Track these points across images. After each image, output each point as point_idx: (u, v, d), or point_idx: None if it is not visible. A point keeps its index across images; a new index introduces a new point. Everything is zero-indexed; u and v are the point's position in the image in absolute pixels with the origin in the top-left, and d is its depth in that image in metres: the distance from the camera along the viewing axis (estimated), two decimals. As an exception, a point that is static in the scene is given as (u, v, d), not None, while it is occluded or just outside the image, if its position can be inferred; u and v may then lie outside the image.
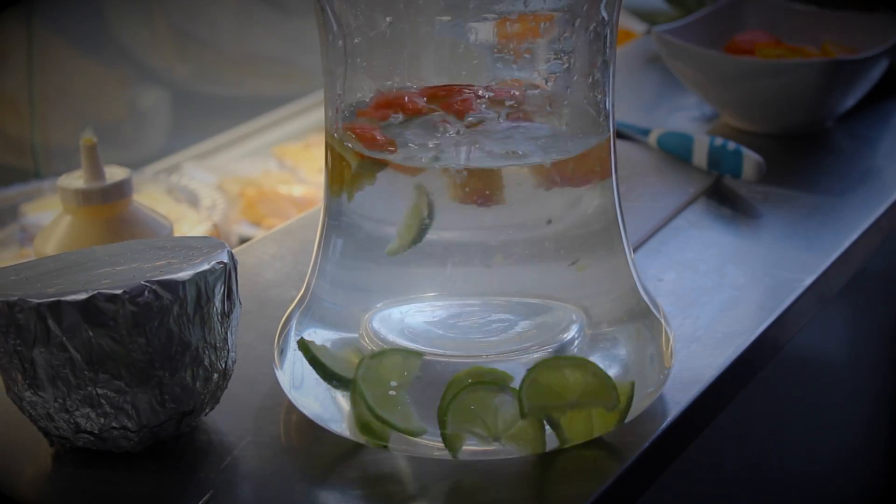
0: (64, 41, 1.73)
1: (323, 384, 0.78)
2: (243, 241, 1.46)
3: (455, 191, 0.76)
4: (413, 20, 0.76)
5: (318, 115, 1.87)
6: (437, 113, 0.78)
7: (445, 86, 0.78)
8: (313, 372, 0.79)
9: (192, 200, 1.52)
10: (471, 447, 0.74)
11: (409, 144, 0.77)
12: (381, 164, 0.77)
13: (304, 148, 1.79)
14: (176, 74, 1.91)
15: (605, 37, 0.78)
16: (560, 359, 0.77)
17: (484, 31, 0.76)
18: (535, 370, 0.74)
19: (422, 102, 0.78)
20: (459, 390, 0.74)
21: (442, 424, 0.73)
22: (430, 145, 0.76)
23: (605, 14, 0.77)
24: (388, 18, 0.75)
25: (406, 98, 0.78)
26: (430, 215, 0.77)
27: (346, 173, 0.78)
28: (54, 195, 1.50)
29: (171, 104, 1.88)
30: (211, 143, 1.83)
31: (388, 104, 0.78)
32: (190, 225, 1.44)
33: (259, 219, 1.60)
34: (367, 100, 0.79)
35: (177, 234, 1.06)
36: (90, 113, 1.79)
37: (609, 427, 0.76)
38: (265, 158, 1.80)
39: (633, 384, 0.76)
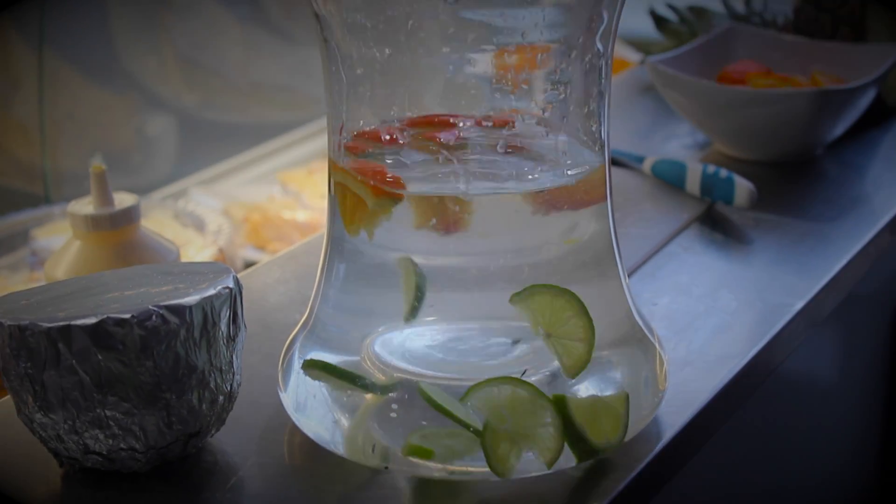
0: (74, 69, 1.73)
1: (326, 406, 0.78)
2: (248, 264, 1.46)
3: (452, 219, 0.76)
4: (413, 52, 0.76)
5: (322, 142, 1.88)
6: (432, 144, 0.78)
7: (439, 116, 0.79)
8: (316, 394, 0.79)
9: (199, 225, 1.52)
10: (470, 468, 0.74)
11: (414, 178, 0.77)
12: (397, 199, 0.77)
13: (308, 174, 1.79)
14: (183, 102, 1.91)
15: (601, 68, 0.78)
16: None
17: (482, 62, 0.76)
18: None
19: (417, 134, 0.79)
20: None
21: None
22: (432, 176, 0.76)
23: (600, 46, 0.77)
24: (387, 50, 0.76)
25: (402, 132, 0.78)
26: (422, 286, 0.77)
27: (353, 205, 0.78)
28: (64, 220, 1.50)
29: (178, 131, 1.89)
30: (216, 169, 1.83)
31: (378, 137, 0.79)
32: (196, 249, 1.44)
33: (263, 243, 1.61)
34: (369, 128, 0.80)
35: (183, 258, 1.06)
36: (99, 139, 1.80)
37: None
38: (270, 184, 1.81)
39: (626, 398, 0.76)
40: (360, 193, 0.77)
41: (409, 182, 0.77)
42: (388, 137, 0.78)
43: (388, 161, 0.78)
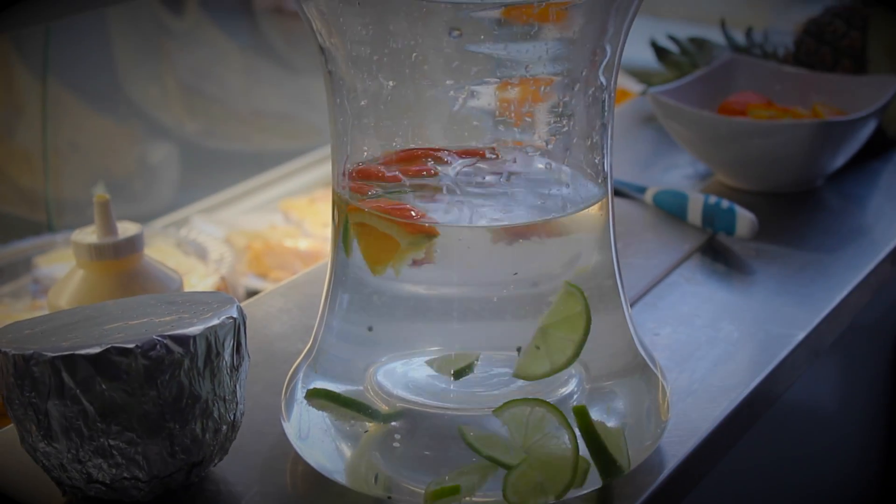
0: (77, 97, 1.73)
1: (329, 436, 0.78)
2: (250, 293, 1.46)
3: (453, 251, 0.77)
4: (417, 84, 0.76)
5: (324, 171, 1.88)
6: (436, 177, 0.79)
7: (435, 150, 0.79)
8: (319, 424, 0.79)
9: (201, 253, 1.52)
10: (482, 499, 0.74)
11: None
12: (432, 235, 0.77)
13: (310, 202, 1.79)
14: (185, 130, 1.91)
15: (604, 100, 0.79)
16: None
17: (486, 94, 0.77)
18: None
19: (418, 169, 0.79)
20: None
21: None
22: (441, 210, 0.77)
23: (603, 79, 0.78)
24: (391, 83, 0.76)
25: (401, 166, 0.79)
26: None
27: (380, 245, 0.78)
28: (67, 248, 1.50)
29: (180, 159, 1.89)
30: (218, 198, 1.84)
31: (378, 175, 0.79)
32: (198, 278, 1.44)
33: (265, 271, 1.61)
34: (373, 158, 0.80)
35: (185, 286, 1.06)
36: (101, 167, 1.80)
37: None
38: (271, 212, 1.81)
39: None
40: (391, 233, 0.77)
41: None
42: (388, 174, 0.79)
43: (408, 196, 0.78)
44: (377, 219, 0.77)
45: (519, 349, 0.77)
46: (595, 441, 0.75)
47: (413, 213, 0.77)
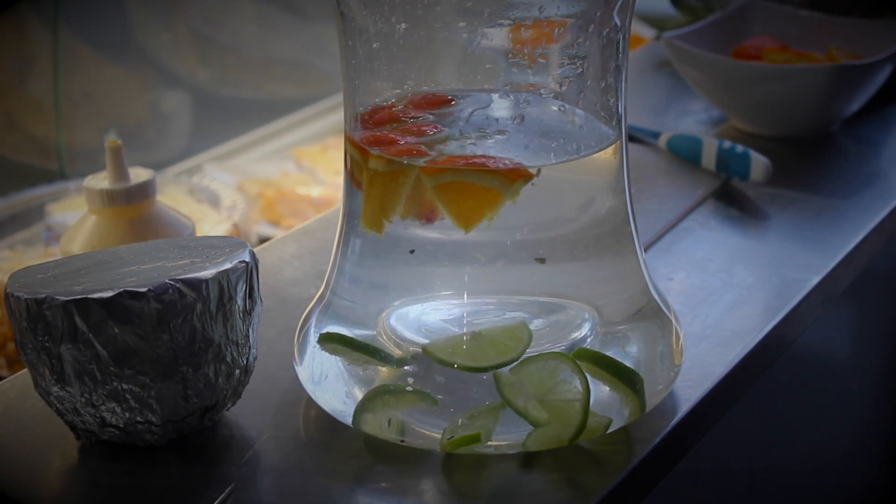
0: (88, 46, 1.73)
1: (342, 380, 0.78)
2: (262, 240, 1.46)
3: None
4: (430, 26, 0.76)
5: (336, 118, 1.87)
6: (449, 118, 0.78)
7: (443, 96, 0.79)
8: (332, 368, 0.79)
9: (213, 201, 1.52)
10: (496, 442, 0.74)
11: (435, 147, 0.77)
12: (528, 178, 0.76)
13: (322, 150, 1.79)
14: (197, 78, 1.91)
15: (618, 42, 0.78)
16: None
17: (499, 36, 0.76)
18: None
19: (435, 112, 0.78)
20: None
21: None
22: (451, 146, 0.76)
23: (617, 20, 0.77)
24: (404, 24, 0.75)
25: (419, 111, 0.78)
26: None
27: (475, 200, 0.77)
28: (79, 195, 1.51)
29: (192, 107, 1.88)
30: (231, 145, 1.83)
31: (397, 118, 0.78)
32: (211, 225, 1.44)
33: (278, 219, 1.61)
34: (385, 103, 0.79)
35: (198, 233, 1.06)
36: (114, 115, 1.80)
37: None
38: (284, 160, 1.81)
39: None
40: (492, 184, 0.75)
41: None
42: (407, 119, 0.78)
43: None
44: (472, 174, 0.76)
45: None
46: (608, 363, 0.75)
47: (497, 161, 0.76)
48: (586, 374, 0.74)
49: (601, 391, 0.76)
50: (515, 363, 0.75)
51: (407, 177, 0.76)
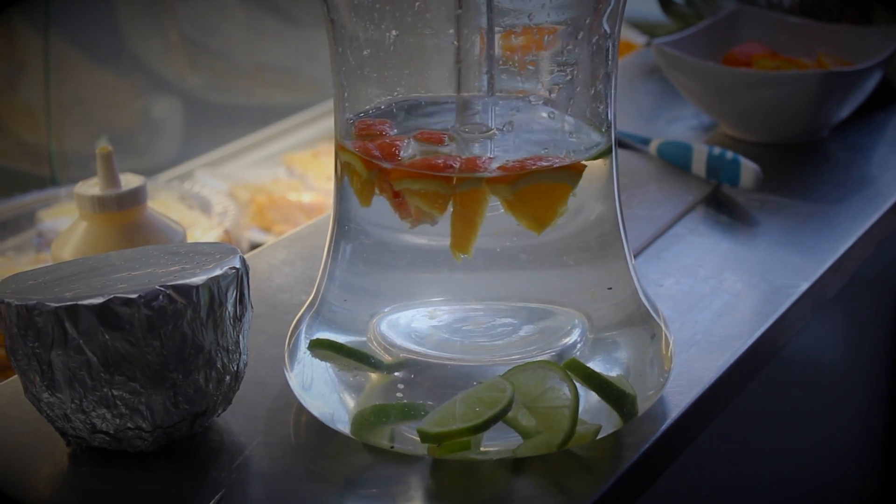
0: (80, 52, 1.73)
1: (333, 386, 0.79)
2: (253, 246, 1.47)
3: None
4: (420, 33, 0.76)
5: (327, 124, 1.88)
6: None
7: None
8: (322, 374, 0.79)
9: (204, 207, 1.52)
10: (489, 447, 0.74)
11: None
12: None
13: (313, 156, 1.79)
14: (188, 84, 1.91)
15: (607, 49, 0.78)
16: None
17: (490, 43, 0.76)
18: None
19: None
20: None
21: None
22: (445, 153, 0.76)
23: (607, 27, 0.77)
24: (394, 31, 0.76)
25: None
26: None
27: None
28: (70, 202, 1.50)
29: (184, 113, 1.89)
30: (222, 152, 1.84)
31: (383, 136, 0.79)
32: (202, 231, 1.44)
33: (269, 225, 1.61)
34: (376, 109, 0.80)
35: (189, 240, 1.06)
36: (105, 121, 1.80)
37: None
38: (275, 166, 1.81)
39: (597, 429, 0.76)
40: (563, 180, 0.77)
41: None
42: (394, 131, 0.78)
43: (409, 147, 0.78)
44: (548, 174, 0.76)
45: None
46: (598, 381, 0.76)
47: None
48: (575, 382, 0.75)
49: (591, 397, 0.76)
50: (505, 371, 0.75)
51: (484, 192, 0.76)
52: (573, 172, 0.76)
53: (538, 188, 0.76)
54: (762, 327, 0.91)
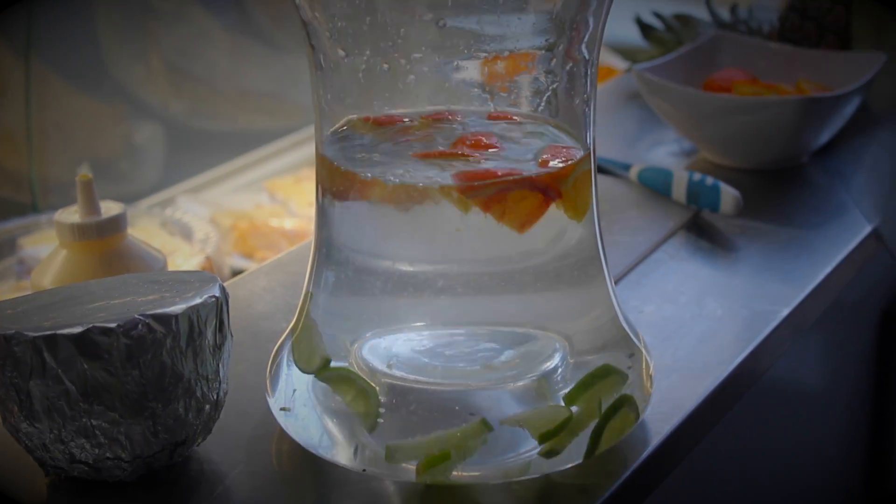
0: (61, 76, 1.73)
1: (315, 412, 0.78)
2: (235, 273, 1.46)
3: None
4: (399, 58, 0.76)
5: (309, 150, 1.88)
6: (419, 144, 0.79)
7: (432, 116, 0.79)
8: (305, 400, 0.79)
9: (186, 233, 1.51)
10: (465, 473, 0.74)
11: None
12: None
13: (295, 182, 1.79)
14: (170, 110, 1.91)
15: (586, 74, 0.78)
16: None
17: (468, 69, 0.76)
18: None
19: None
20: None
21: None
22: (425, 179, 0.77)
23: (585, 53, 0.77)
24: (374, 57, 0.76)
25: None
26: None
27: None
28: (51, 229, 1.50)
29: (165, 139, 1.88)
30: (204, 178, 1.83)
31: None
32: (183, 257, 1.43)
33: (251, 251, 1.60)
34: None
35: (170, 266, 1.06)
36: (86, 147, 1.79)
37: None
38: (257, 192, 1.81)
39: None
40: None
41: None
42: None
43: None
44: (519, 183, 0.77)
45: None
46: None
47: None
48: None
49: None
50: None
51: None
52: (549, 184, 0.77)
53: (515, 194, 0.76)
54: (743, 353, 0.91)
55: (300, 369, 0.80)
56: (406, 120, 0.80)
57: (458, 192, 0.75)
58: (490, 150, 0.78)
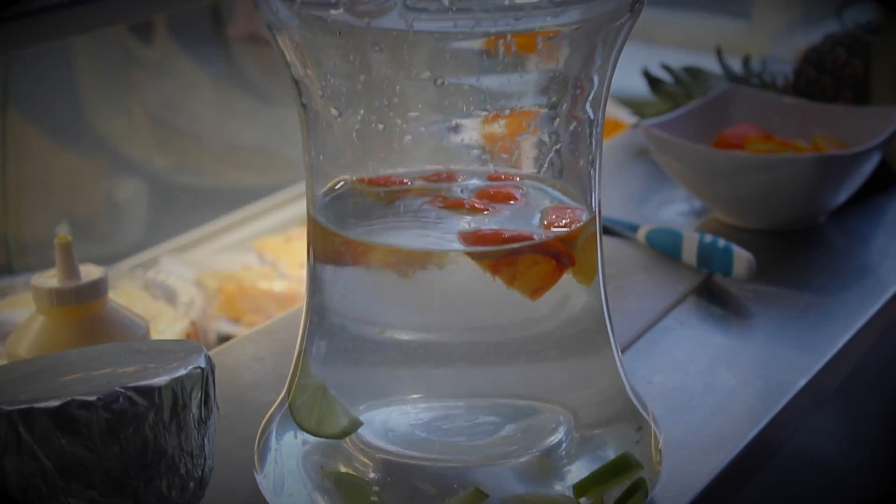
0: (39, 131, 1.73)
1: (305, 489, 0.78)
2: (222, 338, 1.46)
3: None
4: (396, 118, 0.77)
5: (300, 208, 1.88)
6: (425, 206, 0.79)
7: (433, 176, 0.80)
8: (295, 476, 0.79)
9: (170, 297, 1.51)
10: None
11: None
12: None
13: (286, 242, 1.79)
14: (153, 165, 1.91)
15: (591, 134, 0.79)
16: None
17: (468, 127, 0.77)
18: None
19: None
20: None
21: None
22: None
23: (590, 112, 0.78)
24: (368, 116, 0.76)
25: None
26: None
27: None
28: (28, 292, 1.50)
29: (149, 196, 1.89)
30: (189, 237, 1.83)
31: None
32: (167, 323, 1.43)
33: (238, 315, 1.60)
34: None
35: (154, 331, 1.06)
36: (65, 205, 1.80)
37: None
38: (245, 252, 1.80)
39: None
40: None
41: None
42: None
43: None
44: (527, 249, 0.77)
45: None
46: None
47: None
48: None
49: None
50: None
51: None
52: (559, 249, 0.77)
53: (526, 258, 0.76)
54: (758, 427, 0.91)
55: (308, 432, 0.79)
56: (404, 181, 0.80)
57: (467, 255, 0.75)
58: (511, 203, 0.78)
